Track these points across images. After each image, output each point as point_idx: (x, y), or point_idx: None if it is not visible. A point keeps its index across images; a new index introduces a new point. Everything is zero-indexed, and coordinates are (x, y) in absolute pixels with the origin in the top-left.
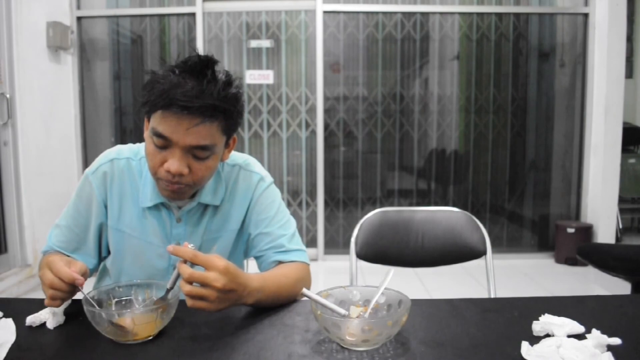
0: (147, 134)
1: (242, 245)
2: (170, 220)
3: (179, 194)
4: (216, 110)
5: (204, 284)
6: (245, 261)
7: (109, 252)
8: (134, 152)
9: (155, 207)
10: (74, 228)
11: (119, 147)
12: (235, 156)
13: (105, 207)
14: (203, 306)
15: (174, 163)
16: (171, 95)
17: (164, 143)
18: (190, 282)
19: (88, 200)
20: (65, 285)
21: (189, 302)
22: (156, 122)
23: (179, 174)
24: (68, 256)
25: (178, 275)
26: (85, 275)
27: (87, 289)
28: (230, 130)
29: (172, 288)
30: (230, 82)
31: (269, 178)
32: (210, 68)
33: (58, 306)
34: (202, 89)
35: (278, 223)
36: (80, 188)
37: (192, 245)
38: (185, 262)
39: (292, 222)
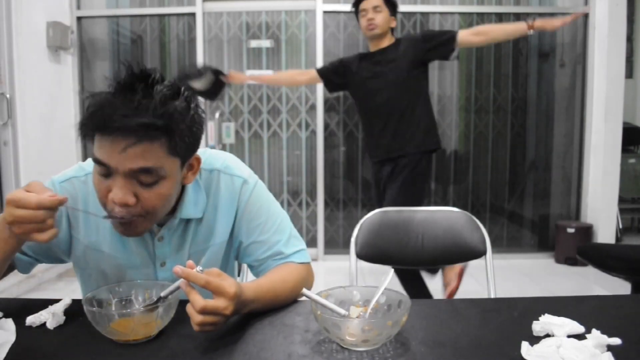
0: None
1: (233, 252)
2: (151, 240)
3: (132, 228)
4: (153, 128)
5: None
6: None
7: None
8: None
9: None
10: None
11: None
12: (211, 159)
13: (69, 221)
14: (210, 330)
15: (117, 192)
16: (100, 116)
17: (105, 170)
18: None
19: None
20: (48, 212)
21: (197, 329)
22: (95, 148)
23: (123, 204)
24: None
25: (175, 289)
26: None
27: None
28: (181, 150)
29: (165, 298)
30: (174, 96)
31: (252, 178)
32: (143, 82)
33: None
34: (135, 105)
35: (272, 228)
36: None
37: (199, 267)
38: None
39: (286, 221)
